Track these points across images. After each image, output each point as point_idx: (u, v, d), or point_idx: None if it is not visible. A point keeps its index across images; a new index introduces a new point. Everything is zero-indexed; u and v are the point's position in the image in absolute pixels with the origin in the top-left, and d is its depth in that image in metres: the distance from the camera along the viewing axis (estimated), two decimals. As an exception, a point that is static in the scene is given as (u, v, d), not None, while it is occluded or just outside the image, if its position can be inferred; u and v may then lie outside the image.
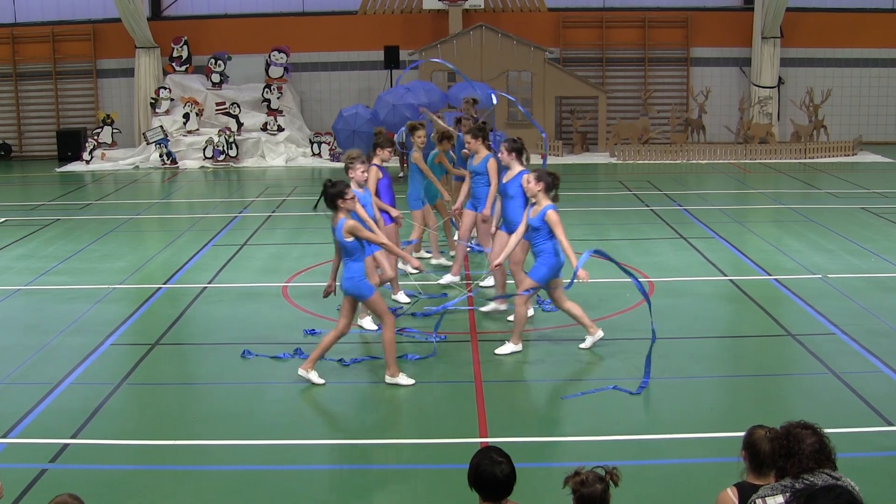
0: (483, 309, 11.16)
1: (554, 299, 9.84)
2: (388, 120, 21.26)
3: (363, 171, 10.45)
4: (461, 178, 15.88)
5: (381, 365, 9.51)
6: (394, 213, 11.30)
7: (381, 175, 11.38)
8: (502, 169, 11.05)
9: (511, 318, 10.47)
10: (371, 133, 21.63)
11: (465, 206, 12.37)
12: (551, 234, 9.43)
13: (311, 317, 11.20)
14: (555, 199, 9.59)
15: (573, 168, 24.23)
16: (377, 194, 11.28)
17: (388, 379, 8.99)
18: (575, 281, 9.27)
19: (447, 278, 12.40)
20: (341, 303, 9.21)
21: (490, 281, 12.21)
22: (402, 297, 11.74)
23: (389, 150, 11.51)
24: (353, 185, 10.19)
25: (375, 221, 10.28)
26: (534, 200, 9.55)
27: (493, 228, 11.33)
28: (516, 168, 10.62)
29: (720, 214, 17.12)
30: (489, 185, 11.63)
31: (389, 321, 8.92)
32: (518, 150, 10.68)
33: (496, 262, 10.13)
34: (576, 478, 4.37)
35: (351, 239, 8.67)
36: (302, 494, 6.99)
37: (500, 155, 10.81)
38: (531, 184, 9.44)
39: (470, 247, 13.62)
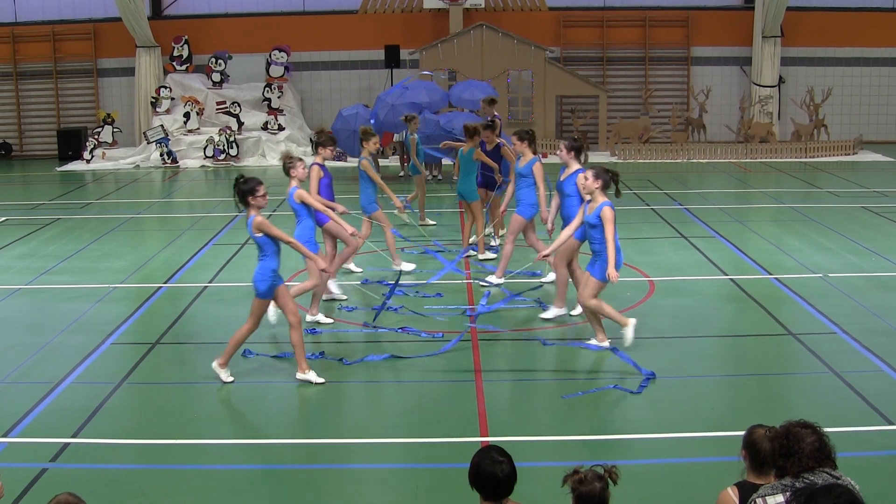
0: (545, 315, 11.07)
1: (588, 290, 9.72)
2: (388, 120, 21.26)
3: (304, 169, 10.52)
4: (417, 172, 16.07)
5: (382, 365, 9.52)
6: (339, 208, 11.34)
7: (322, 174, 11.38)
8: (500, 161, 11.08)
9: (575, 312, 10.85)
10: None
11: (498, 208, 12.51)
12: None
13: (311, 316, 11.19)
14: (617, 194, 9.60)
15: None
16: (318, 192, 11.31)
17: (298, 375, 9.07)
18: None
19: (492, 279, 12.35)
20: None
21: (552, 276, 12.20)
22: (334, 289, 11.80)
23: (331, 148, 11.51)
24: (294, 183, 10.29)
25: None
26: (589, 197, 9.52)
27: (550, 225, 11.25)
28: (574, 166, 10.69)
29: (721, 213, 17.12)
30: (532, 187, 11.73)
31: (295, 321, 8.99)
32: (577, 148, 10.76)
33: (545, 252, 10.13)
34: (574, 476, 4.36)
35: (260, 235, 8.77)
36: (302, 494, 6.99)
37: (558, 153, 10.92)
38: (588, 181, 9.44)
39: (472, 250, 13.69)
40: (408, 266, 13.21)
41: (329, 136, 11.76)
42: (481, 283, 12.32)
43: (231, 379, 9.13)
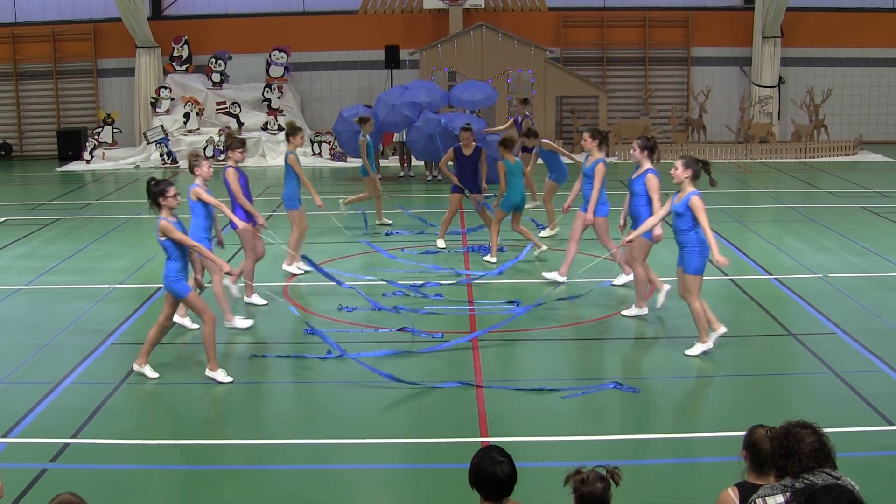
0: (626, 313, 11.07)
1: (686, 289, 9.67)
2: (388, 120, 21.25)
3: (209, 168, 10.56)
4: (366, 174, 16.06)
5: (382, 365, 9.51)
6: (259, 220, 11.45)
7: (237, 175, 11.38)
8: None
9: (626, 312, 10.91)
10: (373, 133, 21.66)
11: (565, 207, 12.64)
12: (695, 222, 9.38)
13: (312, 316, 11.20)
14: (711, 183, 9.65)
15: (573, 167, 24.14)
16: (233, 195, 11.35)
17: (207, 373, 9.17)
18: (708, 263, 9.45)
19: (553, 275, 12.35)
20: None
21: (622, 279, 12.26)
22: (256, 300, 11.78)
23: (240, 150, 11.49)
24: (197, 181, 10.34)
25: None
26: (678, 186, 9.50)
27: (622, 221, 11.25)
28: (646, 165, 10.71)
29: (721, 214, 17.11)
30: (594, 188, 11.84)
31: (208, 318, 9.08)
32: (650, 147, 10.77)
33: (628, 238, 10.16)
34: (577, 476, 4.37)
35: (164, 238, 8.88)
36: (303, 494, 6.99)
37: (632, 152, 10.87)
38: (678, 170, 9.45)
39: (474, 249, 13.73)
40: (297, 269, 13.18)
41: (238, 139, 11.65)
42: (549, 281, 12.33)
43: (230, 379, 9.13)
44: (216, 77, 26.88)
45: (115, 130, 26.35)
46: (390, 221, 16.56)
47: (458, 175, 14.53)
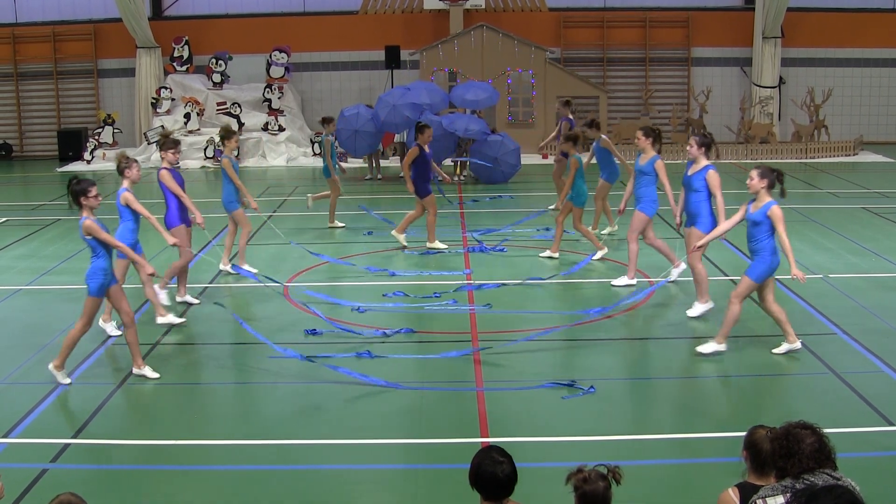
0: (691, 313, 11.07)
1: (762, 298, 9.66)
2: (389, 120, 21.26)
3: (138, 171, 10.62)
4: (329, 175, 16.06)
5: (383, 365, 9.52)
6: (198, 218, 11.62)
7: (171, 176, 11.44)
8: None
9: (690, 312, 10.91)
10: (372, 132, 21.72)
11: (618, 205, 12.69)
12: (771, 231, 9.33)
13: (312, 317, 11.19)
14: (782, 193, 9.65)
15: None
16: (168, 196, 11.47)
17: (134, 370, 9.20)
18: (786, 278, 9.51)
19: (623, 280, 12.35)
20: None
21: (675, 275, 12.34)
22: (189, 299, 11.84)
23: (173, 151, 11.51)
24: (125, 184, 10.38)
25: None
26: (754, 196, 9.50)
27: (678, 219, 11.24)
28: (703, 162, 10.72)
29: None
30: (653, 185, 11.84)
31: (82, 325, 9.00)
32: (707, 145, 10.78)
33: (700, 243, 10.15)
34: (578, 475, 4.37)
35: (89, 237, 8.93)
36: (303, 494, 6.99)
37: (689, 149, 10.83)
38: (754, 180, 9.45)
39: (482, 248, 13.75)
40: (252, 269, 13.17)
41: (172, 140, 11.67)
42: (613, 284, 12.33)
43: (68, 381, 9.09)
44: (217, 77, 26.88)
45: (115, 131, 26.35)
46: (342, 224, 16.46)
47: (423, 173, 14.36)
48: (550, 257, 13.87)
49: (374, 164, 22.77)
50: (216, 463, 7.56)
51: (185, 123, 25.97)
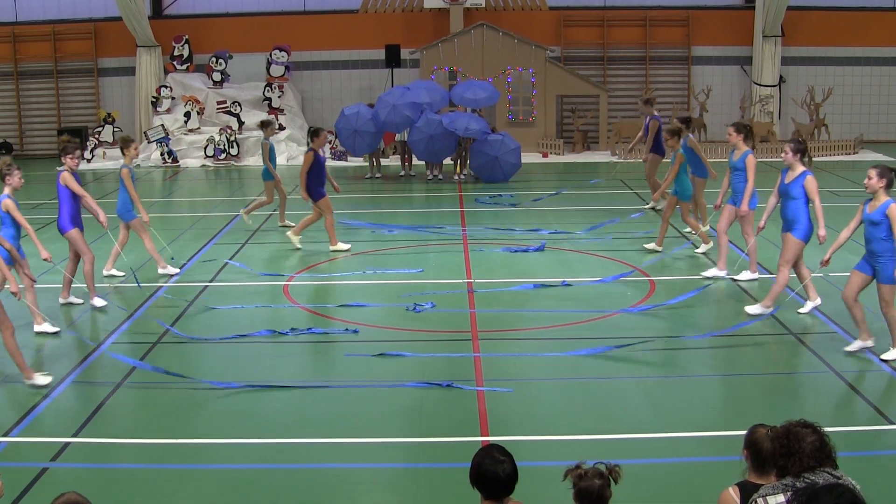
0: (802, 310, 11.07)
1: (881, 298, 9.60)
2: (389, 120, 21.26)
3: (20, 179, 10.73)
4: (270, 177, 15.93)
5: (382, 365, 9.52)
6: (101, 217, 11.60)
7: (73, 178, 11.43)
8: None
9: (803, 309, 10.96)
10: (372, 132, 21.71)
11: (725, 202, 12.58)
12: (891, 231, 9.29)
13: (312, 316, 11.20)
14: None
15: (574, 167, 24.24)
16: (73, 198, 11.46)
17: (25, 381, 9.06)
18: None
19: (713, 272, 12.48)
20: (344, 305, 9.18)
21: (746, 275, 12.40)
22: (73, 300, 11.75)
23: (72, 156, 11.50)
24: (7, 191, 10.46)
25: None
26: (871, 195, 9.44)
27: (763, 222, 11.25)
28: (799, 169, 10.65)
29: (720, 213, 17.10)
30: (748, 181, 11.91)
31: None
32: (802, 150, 10.76)
33: (826, 257, 10.01)
34: (576, 471, 4.39)
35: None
36: (303, 493, 6.99)
37: (784, 156, 10.77)
38: (872, 180, 9.38)
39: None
40: (172, 270, 13.19)
41: (73, 143, 11.64)
42: (735, 279, 12.42)
43: (48, 379, 9.09)
44: (217, 76, 26.87)
45: (115, 129, 26.34)
46: (293, 224, 16.41)
47: (317, 177, 14.37)
48: (654, 250, 14.02)
49: (374, 163, 22.76)
50: (217, 461, 7.56)
51: (186, 122, 25.96)
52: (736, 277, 12.45)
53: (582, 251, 14.32)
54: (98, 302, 11.65)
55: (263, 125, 16.60)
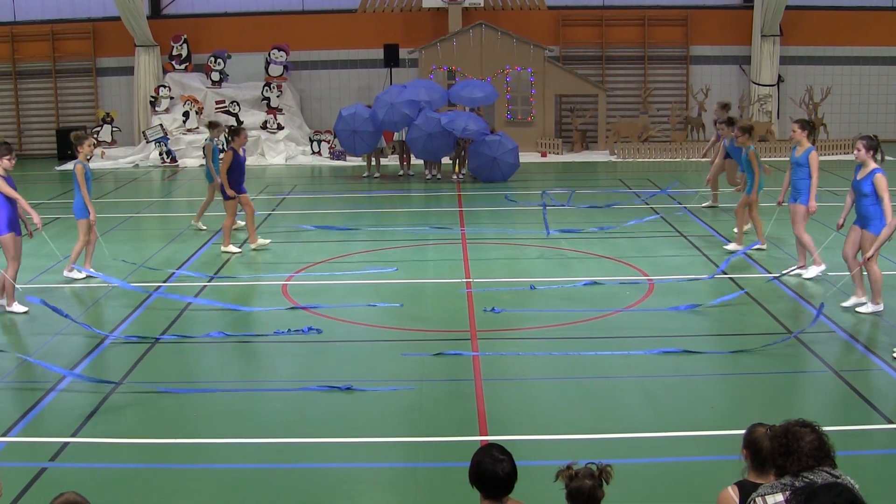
0: (846, 304, 11.09)
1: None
2: (388, 119, 21.27)
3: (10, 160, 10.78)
4: (212, 179, 16.02)
5: (382, 365, 9.52)
6: (35, 219, 11.66)
7: (5, 181, 11.46)
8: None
9: (861, 309, 10.92)
10: (370, 132, 21.73)
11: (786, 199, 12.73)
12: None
13: (311, 315, 11.20)
14: None
15: (572, 166, 24.25)
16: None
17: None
18: None
19: (813, 270, 12.48)
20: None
21: (813, 271, 12.43)
22: (17, 308, 11.66)
23: (8, 157, 11.51)
24: None
25: None
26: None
27: (841, 220, 11.28)
28: (871, 165, 10.66)
29: (719, 212, 17.13)
30: (810, 178, 11.96)
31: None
32: (875, 147, 10.78)
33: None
34: (567, 472, 4.41)
35: None
36: (302, 493, 6.99)
37: (856, 153, 10.75)
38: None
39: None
40: (78, 275, 13.04)
41: (5, 146, 11.62)
42: (805, 277, 12.47)
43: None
44: (215, 76, 26.86)
45: (114, 129, 26.33)
46: (204, 227, 16.37)
47: (236, 176, 14.43)
48: (760, 248, 14.12)
49: (371, 163, 22.77)
50: (217, 461, 7.56)
51: (184, 122, 25.96)
52: (805, 275, 12.47)
53: (584, 252, 14.32)
54: (17, 308, 11.59)
55: (210, 126, 16.59)
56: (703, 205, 17.43)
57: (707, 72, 27.64)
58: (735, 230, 14.43)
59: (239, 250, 14.58)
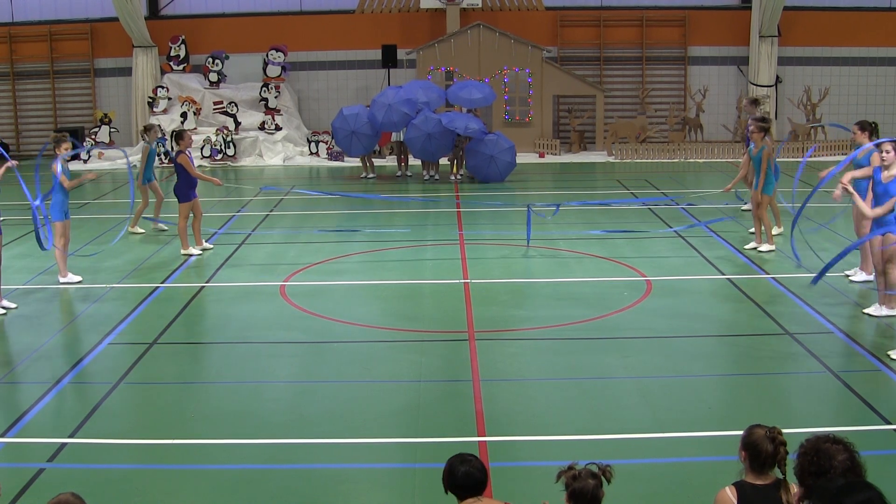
0: (867, 310, 10.96)
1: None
2: (387, 120, 21.28)
3: None
4: (150, 180, 16.22)
5: (381, 364, 9.52)
6: None
7: None
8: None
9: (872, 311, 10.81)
10: (369, 135, 21.74)
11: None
12: None
13: (309, 315, 11.20)
14: None
15: (570, 167, 24.25)
16: None
17: None
18: None
19: (860, 275, 12.41)
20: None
21: (861, 276, 12.39)
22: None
23: None
24: None
25: None
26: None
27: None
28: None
29: (718, 213, 17.13)
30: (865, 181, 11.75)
31: None
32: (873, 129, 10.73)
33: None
34: (569, 472, 4.42)
35: None
36: (301, 493, 6.98)
37: (885, 155, 10.55)
38: (891, 153, 9.41)
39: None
40: (75, 278, 12.99)
41: None
42: (852, 280, 12.46)
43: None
44: (213, 76, 26.86)
45: (112, 130, 26.31)
46: (143, 230, 16.38)
47: (189, 179, 14.48)
48: (756, 248, 14.13)
49: (367, 164, 22.77)
50: (215, 462, 7.55)
51: (182, 122, 25.94)
52: (853, 278, 12.43)
53: (582, 252, 14.33)
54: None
55: (146, 130, 16.68)
56: (744, 207, 17.08)
57: (705, 72, 27.66)
58: (756, 230, 14.35)
59: (199, 252, 14.54)
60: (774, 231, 14.98)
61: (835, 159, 24.26)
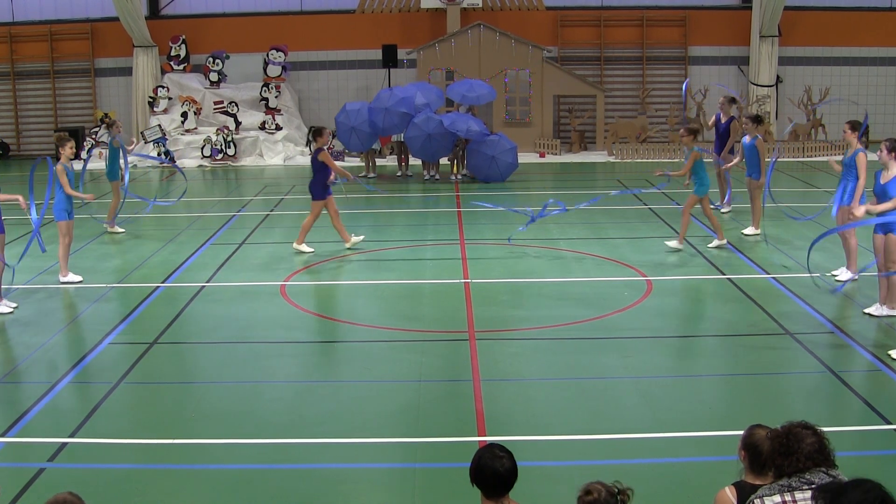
0: (868, 310, 10.96)
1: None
2: (388, 123, 21.30)
3: None
4: (116, 178, 16.18)
5: (380, 364, 9.52)
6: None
7: None
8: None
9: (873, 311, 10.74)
10: (369, 133, 21.73)
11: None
12: None
13: (310, 315, 11.19)
14: None
15: (571, 167, 24.25)
16: None
17: None
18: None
19: (846, 274, 12.36)
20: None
21: (847, 274, 12.34)
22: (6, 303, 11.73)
23: None
24: None
25: None
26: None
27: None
28: (894, 169, 10.58)
29: (717, 212, 17.12)
30: (857, 179, 11.91)
31: None
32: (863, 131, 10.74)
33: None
34: (586, 497, 4.28)
35: None
36: (301, 493, 6.98)
37: (879, 154, 10.69)
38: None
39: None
40: (76, 278, 12.98)
41: None
42: (837, 279, 12.41)
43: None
44: (214, 76, 26.87)
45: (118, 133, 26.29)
46: (122, 230, 16.37)
47: (323, 178, 14.41)
48: (676, 248, 14.10)
49: (370, 164, 22.78)
50: (215, 462, 7.55)
51: (182, 122, 25.96)
52: (839, 277, 12.42)
53: (582, 252, 14.33)
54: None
55: (108, 126, 16.70)
56: (723, 210, 17.18)
57: (705, 72, 27.66)
58: (713, 225, 14.35)
59: (312, 251, 14.48)
60: (749, 231, 14.98)
61: (835, 160, 24.28)
